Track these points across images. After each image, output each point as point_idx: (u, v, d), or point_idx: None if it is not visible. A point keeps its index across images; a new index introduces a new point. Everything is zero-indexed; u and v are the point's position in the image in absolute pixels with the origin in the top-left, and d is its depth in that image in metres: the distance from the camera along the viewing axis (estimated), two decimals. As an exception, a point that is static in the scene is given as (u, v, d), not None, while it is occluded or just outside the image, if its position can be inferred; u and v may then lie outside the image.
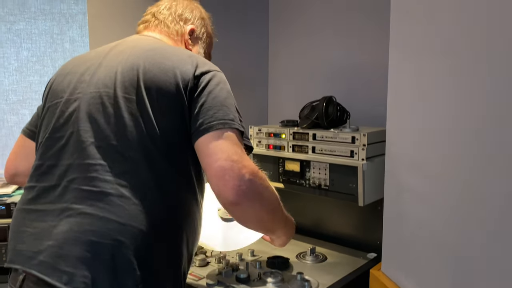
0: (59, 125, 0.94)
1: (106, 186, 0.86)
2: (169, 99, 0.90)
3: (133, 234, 0.84)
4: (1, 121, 1.95)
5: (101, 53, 1.02)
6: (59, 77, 1.02)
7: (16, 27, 1.93)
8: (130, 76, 0.92)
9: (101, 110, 0.91)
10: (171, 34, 1.12)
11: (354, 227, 1.55)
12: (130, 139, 0.88)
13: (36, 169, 0.95)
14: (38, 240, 0.86)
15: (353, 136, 1.33)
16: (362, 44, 1.68)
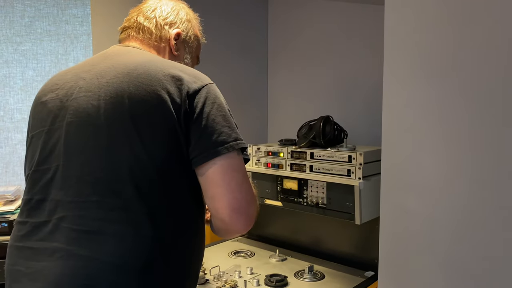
0: (44, 157, 0.88)
1: (97, 224, 0.80)
2: (160, 125, 0.83)
3: (130, 272, 0.80)
4: (5, 139, 1.98)
5: (79, 74, 0.93)
6: (39, 105, 0.94)
7: (22, 47, 1.99)
8: (115, 104, 0.83)
9: (85, 142, 0.84)
10: (154, 42, 1.03)
11: (352, 246, 1.56)
12: (119, 172, 0.81)
13: (25, 204, 0.90)
14: (32, 282, 0.83)
15: (350, 155, 1.35)
16: (359, 66, 1.72)
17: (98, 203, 0.81)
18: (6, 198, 1.51)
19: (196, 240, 0.91)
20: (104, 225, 0.80)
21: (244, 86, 2.06)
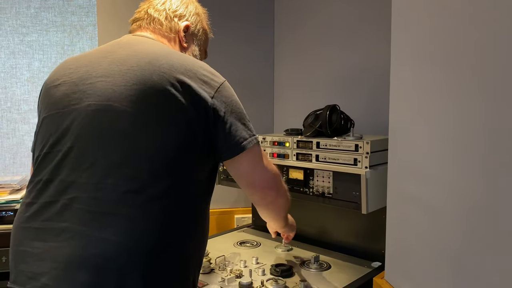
0: (56, 139, 0.89)
1: (111, 206, 0.82)
2: (180, 116, 0.86)
3: (141, 254, 0.82)
4: (12, 130, 2.00)
5: (95, 59, 0.95)
6: (52, 88, 0.95)
7: (29, 38, 1.99)
8: (137, 90, 0.86)
9: (105, 125, 0.86)
10: (165, 32, 1.07)
11: (359, 236, 1.54)
12: (137, 158, 0.84)
13: (34, 185, 0.90)
14: (40, 262, 0.83)
15: (357, 144, 1.33)
16: (366, 54, 1.70)
17: (113, 186, 0.83)
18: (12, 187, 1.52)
19: (202, 227, 0.95)
20: (118, 208, 0.82)
21: (250, 76, 2.05)
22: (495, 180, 0.75)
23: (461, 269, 0.84)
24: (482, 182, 0.78)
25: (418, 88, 1.01)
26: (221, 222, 1.99)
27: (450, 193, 0.88)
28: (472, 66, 0.81)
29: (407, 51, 1.07)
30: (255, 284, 1.26)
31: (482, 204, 0.78)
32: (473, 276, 0.81)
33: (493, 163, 0.76)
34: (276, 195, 1.06)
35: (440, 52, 0.91)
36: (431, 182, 0.95)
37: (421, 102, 1.00)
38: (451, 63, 0.87)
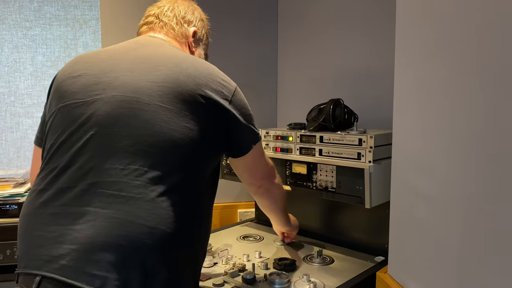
0: (76, 127, 0.92)
1: (133, 190, 0.86)
2: (202, 115, 0.94)
3: (161, 237, 0.86)
4: (16, 124, 2.00)
5: (115, 55, 1.00)
6: (69, 79, 0.98)
7: (32, 32, 1.99)
8: (165, 87, 0.92)
9: (131, 115, 0.90)
10: (177, 36, 1.13)
11: (362, 230, 1.54)
12: (165, 147, 0.89)
13: (48, 173, 0.92)
14: (57, 244, 0.85)
15: (360, 138, 1.33)
16: (370, 48, 1.69)
17: (138, 172, 0.87)
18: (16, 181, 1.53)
19: (208, 217, 1.03)
20: (142, 192, 0.86)
21: (253, 70, 2.04)
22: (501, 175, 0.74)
23: (465, 263, 0.84)
24: (488, 177, 0.78)
25: (423, 82, 1.00)
26: (224, 216, 2.00)
27: (455, 188, 0.87)
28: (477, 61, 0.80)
29: (412, 45, 1.06)
30: (258, 278, 1.26)
31: (487, 199, 0.78)
32: (477, 270, 0.81)
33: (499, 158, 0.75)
34: (271, 184, 1.23)
35: (446, 47, 0.90)
36: (435, 177, 0.94)
37: (426, 96, 0.99)
38: (457, 57, 0.86)
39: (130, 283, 0.83)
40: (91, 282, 0.81)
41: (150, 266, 0.85)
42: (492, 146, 0.76)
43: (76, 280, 0.81)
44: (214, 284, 1.23)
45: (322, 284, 1.24)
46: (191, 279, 0.96)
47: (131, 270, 0.83)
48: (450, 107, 0.88)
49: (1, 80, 1.98)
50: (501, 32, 0.74)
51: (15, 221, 1.39)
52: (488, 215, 0.78)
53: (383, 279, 1.16)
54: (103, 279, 0.81)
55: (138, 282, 0.84)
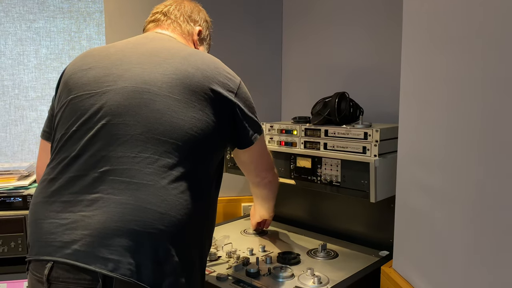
0: (88, 118, 0.94)
1: (145, 178, 0.89)
2: (212, 104, 0.98)
3: (172, 223, 0.89)
4: (21, 117, 2.00)
5: (124, 49, 1.03)
6: (80, 71, 1.01)
7: (36, 25, 1.98)
8: (174, 79, 0.95)
9: (142, 104, 0.93)
10: (183, 33, 1.18)
11: (367, 225, 1.53)
12: (174, 136, 0.92)
13: (59, 162, 0.94)
14: (71, 231, 0.87)
15: (366, 132, 1.32)
16: (376, 41, 1.67)
17: (149, 159, 0.90)
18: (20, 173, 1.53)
19: (214, 208, 1.08)
20: (153, 180, 0.89)
21: (257, 63, 2.03)
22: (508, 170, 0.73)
23: (472, 258, 0.83)
24: (494, 171, 0.76)
25: (429, 75, 0.99)
26: (228, 210, 1.99)
27: (461, 182, 0.86)
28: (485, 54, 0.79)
29: (419, 37, 1.04)
30: (262, 271, 1.26)
31: (493, 193, 0.77)
32: (483, 264, 0.80)
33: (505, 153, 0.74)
34: (273, 175, 1.31)
35: (453, 40, 0.89)
36: (441, 171, 0.93)
37: (432, 89, 0.97)
38: (465, 49, 0.85)
39: (142, 267, 0.85)
40: (104, 265, 0.83)
41: (162, 251, 0.87)
42: (499, 140, 0.75)
43: (89, 264, 0.84)
44: (218, 277, 1.23)
45: (326, 278, 1.23)
46: (198, 267, 0.99)
47: (143, 254, 0.86)
48: (457, 100, 0.87)
49: (6, 73, 1.98)
50: (510, 25, 0.72)
51: (19, 213, 1.39)
52: (494, 209, 0.77)
53: (387, 274, 1.16)
54: (116, 263, 0.84)
55: (150, 266, 0.86)
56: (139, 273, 0.85)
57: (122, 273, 0.83)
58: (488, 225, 0.78)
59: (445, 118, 0.92)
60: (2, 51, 1.96)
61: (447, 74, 0.91)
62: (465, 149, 0.85)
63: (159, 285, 0.87)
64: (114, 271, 0.83)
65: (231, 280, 1.22)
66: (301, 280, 1.22)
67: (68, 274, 0.85)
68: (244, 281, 1.21)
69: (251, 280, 1.20)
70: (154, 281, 0.86)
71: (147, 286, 0.85)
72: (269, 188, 1.37)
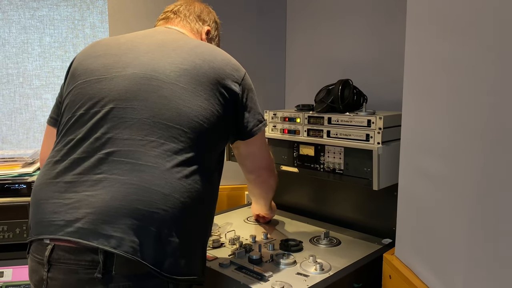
0: (95, 101, 0.96)
1: (151, 160, 0.90)
2: (217, 96, 1.00)
3: (175, 205, 0.90)
4: (25, 106, 2.01)
5: (134, 39, 1.07)
6: (89, 58, 1.04)
7: (39, 13, 1.98)
8: (181, 69, 0.98)
9: (150, 90, 0.95)
10: (192, 30, 1.21)
11: (370, 213, 1.53)
12: (179, 121, 0.94)
13: (65, 144, 0.96)
14: (74, 210, 0.88)
15: (369, 120, 1.31)
16: (379, 30, 1.65)
17: (156, 143, 0.92)
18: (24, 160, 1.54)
19: (216, 195, 1.09)
20: (158, 162, 0.91)
21: (261, 50, 2.02)
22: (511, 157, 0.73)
23: (474, 246, 0.83)
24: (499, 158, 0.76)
25: (433, 62, 0.98)
26: (232, 198, 2.00)
27: (464, 170, 0.85)
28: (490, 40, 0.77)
29: (422, 25, 1.03)
30: (264, 258, 1.27)
31: (497, 181, 0.76)
32: (486, 252, 0.79)
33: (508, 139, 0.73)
34: (269, 175, 1.30)
35: (457, 26, 0.87)
36: (444, 158, 0.93)
37: (435, 77, 0.96)
38: (469, 36, 0.83)
39: (144, 246, 0.86)
40: (107, 242, 0.84)
41: (164, 232, 0.89)
42: (503, 128, 0.74)
43: (91, 241, 0.85)
44: (221, 264, 1.23)
45: (329, 265, 1.23)
46: (199, 251, 1.00)
47: (146, 233, 0.87)
48: (461, 87, 0.86)
49: (10, 61, 1.98)
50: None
51: (24, 200, 1.40)
52: (497, 197, 0.76)
53: (390, 261, 1.16)
54: (119, 240, 0.85)
55: (151, 245, 0.87)
56: (141, 251, 0.86)
57: (125, 250, 0.85)
58: (490, 212, 0.78)
59: (448, 106, 0.91)
60: (6, 39, 1.97)
61: (451, 61, 0.90)
62: (468, 136, 0.84)
63: (160, 264, 0.88)
64: (117, 248, 0.84)
65: (234, 266, 1.23)
66: (303, 267, 1.23)
67: (69, 255, 0.86)
68: (246, 267, 1.21)
69: (253, 266, 1.21)
70: (155, 260, 0.87)
71: (149, 264, 0.86)
72: (263, 187, 1.36)
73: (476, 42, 0.81)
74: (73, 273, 0.86)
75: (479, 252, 0.81)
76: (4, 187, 1.43)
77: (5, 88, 1.99)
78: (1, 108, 1.99)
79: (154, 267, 0.87)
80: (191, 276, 0.95)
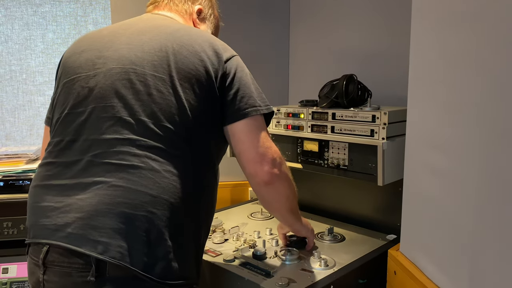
0: (79, 101, 0.94)
1: (135, 160, 0.87)
2: (199, 81, 0.93)
3: (164, 206, 0.87)
4: (28, 102, 2.01)
5: (117, 31, 1.02)
6: (74, 55, 1.01)
7: (42, 9, 1.98)
8: (159, 56, 0.93)
9: (128, 86, 0.91)
10: (180, 12, 1.15)
11: (374, 209, 1.53)
12: (161, 116, 0.90)
13: (55, 146, 0.94)
14: (64, 214, 0.86)
15: (374, 115, 1.30)
16: (384, 25, 1.64)
17: (137, 141, 0.88)
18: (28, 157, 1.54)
19: (212, 194, 1.03)
20: (143, 161, 0.87)
21: (264, 45, 2.01)
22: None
23: (478, 242, 0.82)
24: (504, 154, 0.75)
25: (438, 56, 0.97)
26: (235, 195, 2.00)
27: (470, 165, 0.84)
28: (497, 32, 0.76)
29: (428, 18, 1.01)
30: (268, 254, 1.26)
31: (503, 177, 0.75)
32: (491, 249, 0.79)
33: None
34: (272, 176, 0.99)
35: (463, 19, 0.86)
36: (450, 154, 0.92)
37: (441, 71, 0.95)
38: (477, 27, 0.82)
39: (132, 250, 0.83)
40: (94, 248, 0.82)
41: (154, 235, 0.85)
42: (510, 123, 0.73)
43: (80, 247, 0.83)
44: (225, 260, 1.23)
45: (333, 261, 1.23)
46: (193, 253, 0.96)
47: (134, 237, 0.84)
48: (468, 82, 0.85)
49: (13, 57, 1.98)
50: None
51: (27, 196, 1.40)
52: (504, 192, 0.75)
53: (395, 257, 1.15)
54: (105, 245, 0.82)
55: (141, 250, 0.84)
56: (130, 256, 0.83)
57: (112, 256, 0.82)
58: (496, 208, 0.77)
59: (455, 101, 0.90)
60: (9, 36, 1.96)
61: (457, 55, 0.89)
62: (475, 132, 0.83)
63: (150, 269, 0.85)
64: (104, 253, 0.81)
65: (238, 262, 1.23)
66: (307, 263, 1.22)
67: (63, 258, 0.85)
68: (251, 263, 1.21)
69: (258, 262, 1.21)
70: (145, 265, 0.84)
71: (138, 270, 0.83)
72: (270, 193, 1.05)
73: (483, 35, 0.80)
74: (67, 276, 0.84)
75: (484, 247, 0.81)
76: (8, 183, 1.43)
77: (9, 84, 1.99)
78: (5, 104, 1.99)
79: (144, 273, 0.84)
80: (185, 280, 0.91)
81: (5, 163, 1.49)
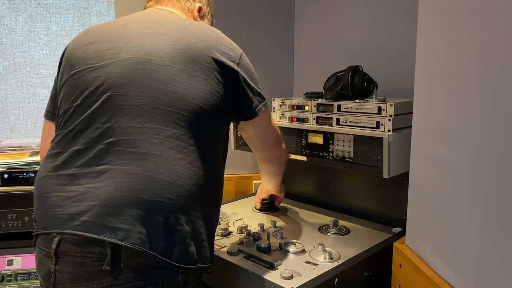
0: (91, 90, 0.94)
1: (152, 148, 0.89)
2: (214, 76, 0.97)
3: (181, 193, 0.89)
4: (33, 95, 2.01)
5: (125, 24, 1.03)
6: (81, 47, 1.01)
7: (45, 1, 1.97)
8: (175, 49, 0.95)
9: (145, 75, 0.92)
10: (183, 9, 1.17)
11: (379, 201, 1.52)
12: (179, 106, 0.92)
13: (64, 136, 0.94)
14: (78, 203, 0.87)
15: (380, 107, 1.28)
16: (390, 13, 1.61)
17: (155, 129, 0.90)
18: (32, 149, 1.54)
19: (221, 181, 1.07)
20: (160, 150, 0.89)
21: (269, 37, 1.99)
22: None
23: (487, 234, 0.81)
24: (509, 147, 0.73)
25: (446, 46, 0.95)
26: (240, 187, 1.99)
27: (477, 157, 0.83)
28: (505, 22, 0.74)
29: (435, 9, 0.99)
30: (272, 247, 1.26)
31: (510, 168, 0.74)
32: (498, 241, 0.78)
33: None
34: (281, 150, 1.29)
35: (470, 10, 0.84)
36: (456, 146, 0.90)
37: (448, 62, 0.94)
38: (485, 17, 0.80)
39: (152, 236, 0.85)
40: (114, 234, 0.83)
41: (171, 221, 0.88)
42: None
43: (98, 234, 0.84)
44: (229, 252, 1.23)
45: (338, 254, 1.22)
46: (207, 238, 0.98)
47: (153, 223, 0.86)
48: (475, 73, 0.83)
49: (17, 50, 1.97)
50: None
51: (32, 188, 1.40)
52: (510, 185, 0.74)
53: (400, 250, 1.15)
54: (126, 232, 0.84)
55: (160, 235, 0.86)
56: (149, 242, 0.85)
57: (133, 242, 0.83)
58: (504, 201, 0.76)
59: (462, 92, 0.88)
60: (13, 28, 1.96)
61: (465, 45, 0.87)
62: (482, 124, 0.81)
63: (169, 254, 0.87)
64: (124, 240, 0.83)
65: (242, 255, 1.22)
66: (312, 256, 1.22)
67: (76, 248, 0.86)
68: (255, 256, 1.20)
69: (262, 255, 1.20)
70: (164, 250, 0.87)
71: (158, 255, 0.85)
72: (277, 164, 1.35)
73: (491, 26, 0.78)
74: (81, 266, 0.86)
75: (491, 241, 0.79)
76: (12, 175, 1.43)
77: (13, 77, 1.98)
78: (9, 97, 1.99)
79: (163, 258, 0.86)
80: (201, 264, 0.94)
81: (9, 155, 1.49)
